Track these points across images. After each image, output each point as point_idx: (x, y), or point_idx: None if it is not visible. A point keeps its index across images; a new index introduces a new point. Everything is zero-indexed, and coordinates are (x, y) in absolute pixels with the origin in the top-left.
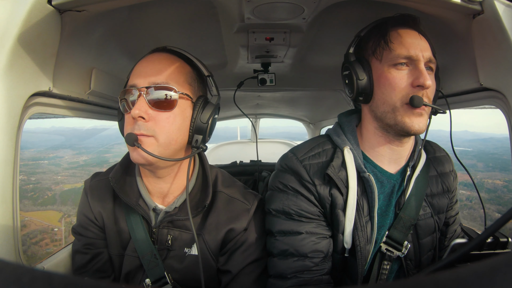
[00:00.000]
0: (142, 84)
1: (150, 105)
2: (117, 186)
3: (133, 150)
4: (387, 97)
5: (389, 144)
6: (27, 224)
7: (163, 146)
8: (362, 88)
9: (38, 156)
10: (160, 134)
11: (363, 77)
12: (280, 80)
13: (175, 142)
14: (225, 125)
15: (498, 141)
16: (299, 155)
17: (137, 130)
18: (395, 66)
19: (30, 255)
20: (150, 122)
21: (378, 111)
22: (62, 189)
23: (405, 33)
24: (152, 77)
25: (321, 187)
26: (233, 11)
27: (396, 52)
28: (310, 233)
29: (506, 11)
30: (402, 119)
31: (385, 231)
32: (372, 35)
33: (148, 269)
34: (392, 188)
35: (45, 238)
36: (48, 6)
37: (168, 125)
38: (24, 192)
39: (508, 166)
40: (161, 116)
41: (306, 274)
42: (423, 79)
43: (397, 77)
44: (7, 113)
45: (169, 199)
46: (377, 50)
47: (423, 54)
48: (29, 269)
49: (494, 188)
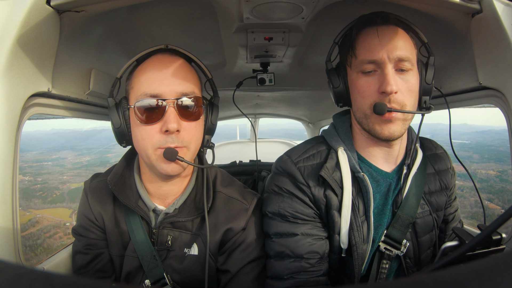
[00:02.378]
0: (168, 94)
1: (180, 117)
2: (115, 188)
3: (169, 163)
4: (359, 104)
5: (378, 146)
6: (39, 221)
7: (192, 154)
8: (339, 95)
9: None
10: (191, 143)
11: (337, 84)
12: (279, 79)
13: (198, 147)
14: (224, 123)
15: (496, 133)
16: (293, 158)
17: (171, 143)
18: (362, 72)
19: (46, 247)
20: (182, 133)
21: (356, 116)
22: (69, 188)
23: (371, 35)
24: (178, 86)
25: (316, 188)
26: (232, 11)
27: (360, 58)
28: (305, 234)
29: (505, 10)
30: (373, 126)
31: (383, 230)
32: (344, 41)
33: (148, 270)
34: (388, 187)
35: (58, 232)
36: (47, 7)
37: (197, 133)
38: (33, 191)
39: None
40: (190, 126)
41: (303, 275)
42: (385, 85)
43: (364, 85)
44: (6, 114)
45: (169, 200)
46: (347, 57)
47: (389, 55)
48: (29, 270)
49: (487, 178)
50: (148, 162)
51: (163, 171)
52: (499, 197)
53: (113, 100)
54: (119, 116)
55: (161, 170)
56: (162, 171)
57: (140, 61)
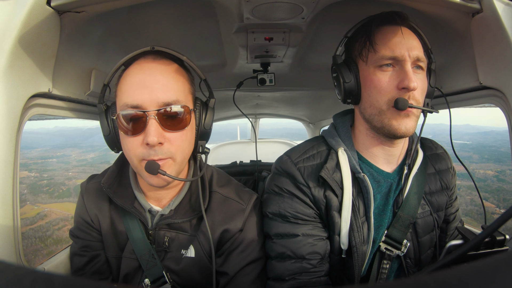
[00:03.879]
0: (149, 105)
1: (163, 127)
2: (110, 190)
3: (152, 176)
4: (374, 100)
5: (381, 145)
6: (47, 214)
7: (179, 165)
8: (349, 90)
9: (46, 155)
10: (177, 154)
11: (349, 79)
12: (279, 80)
13: (187, 157)
14: (224, 124)
15: (498, 134)
16: (293, 158)
17: (154, 156)
18: (380, 67)
19: (56, 238)
20: (166, 144)
21: (366, 113)
22: (75, 184)
23: (390, 32)
24: (159, 94)
25: (316, 189)
26: (232, 11)
27: (380, 54)
28: (306, 235)
29: (505, 10)
30: (389, 121)
31: (384, 230)
32: (358, 36)
33: (147, 269)
34: (389, 187)
35: (66, 225)
36: (47, 8)
37: (183, 143)
38: (40, 187)
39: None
40: (175, 136)
41: (304, 275)
42: (408, 81)
43: (382, 80)
44: (7, 115)
45: (164, 201)
46: (363, 51)
47: (410, 53)
48: (30, 271)
49: (484, 178)
50: (137, 172)
51: (149, 183)
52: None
53: (102, 106)
54: (108, 124)
55: (147, 182)
56: (148, 183)
57: (127, 64)
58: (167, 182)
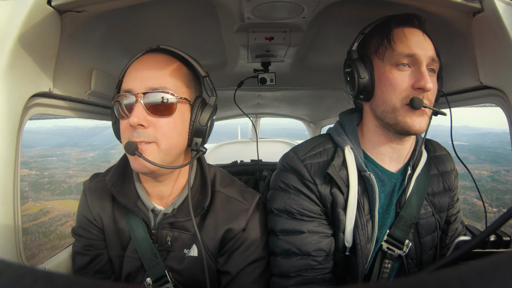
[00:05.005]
0: (138, 89)
1: (148, 111)
2: (114, 188)
3: (134, 159)
4: (387, 97)
5: (390, 143)
6: (50, 211)
7: (164, 152)
8: (363, 86)
9: (46, 153)
10: (162, 140)
11: (364, 75)
12: (280, 79)
13: (175, 147)
14: (225, 123)
15: (496, 135)
16: (300, 154)
17: (137, 138)
18: (397, 66)
19: (59, 234)
20: (150, 128)
21: (378, 110)
22: (76, 182)
23: (409, 33)
24: (149, 81)
25: (322, 186)
26: (233, 10)
27: (398, 51)
28: (312, 232)
29: (506, 9)
30: (403, 119)
31: (386, 229)
32: (375, 33)
33: (149, 268)
34: (393, 187)
35: (69, 221)
36: (48, 7)
37: (169, 130)
38: (41, 184)
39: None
40: (161, 122)
41: (310, 272)
42: (424, 82)
43: (398, 78)
44: (7, 114)
45: (168, 201)
46: (380, 48)
47: (426, 54)
48: (31, 270)
49: (479, 178)
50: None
51: (133, 168)
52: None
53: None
54: (114, 113)
55: (132, 167)
56: (133, 168)
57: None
58: (147, 169)
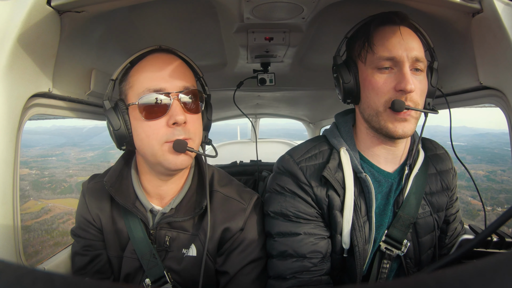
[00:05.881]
0: (172, 88)
1: (184, 109)
2: (112, 189)
3: (176, 156)
4: (371, 101)
5: (382, 144)
6: (51, 209)
7: (197, 146)
8: (348, 91)
9: (45, 153)
10: (195, 136)
11: (348, 80)
12: (279, 79)
13: (199, 142)
14: (225, 123)
15: (494, 136)
16: (295, 157)
17: (179, 135)
18: (378, 69)
19: (62, 231)
20: (188, 125)
21: (365, 114)
22: (76, 181)
23: (389, 33)
24: (178, 80)
25: (318, 188)
26: (232, 11)
27: (378, 55)
28: (308, 234)
29: (505, 10)
30: (385, 124)
31: (384, 230)
32: (358, 36)
33: (148, 269)
34: (390, 187)
35: (70, 219)
36: (48, 7)
37: (199, 127)
38: (42, 183)
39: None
40: (193, 118)
41: (305, 274)
42: (405, 84)
43: (379, 81)
44: (7, 114)
45: (166, 200)
46: (362, 52)
47: (408, 55)
48: (30, 270)
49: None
50: (153, 160)
51: (172, 164)
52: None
53: (109, 102)
54: (118, 118)
55: (169, 164)
56: (171, 165)
57: (134, 62)
58: (190, 162)
